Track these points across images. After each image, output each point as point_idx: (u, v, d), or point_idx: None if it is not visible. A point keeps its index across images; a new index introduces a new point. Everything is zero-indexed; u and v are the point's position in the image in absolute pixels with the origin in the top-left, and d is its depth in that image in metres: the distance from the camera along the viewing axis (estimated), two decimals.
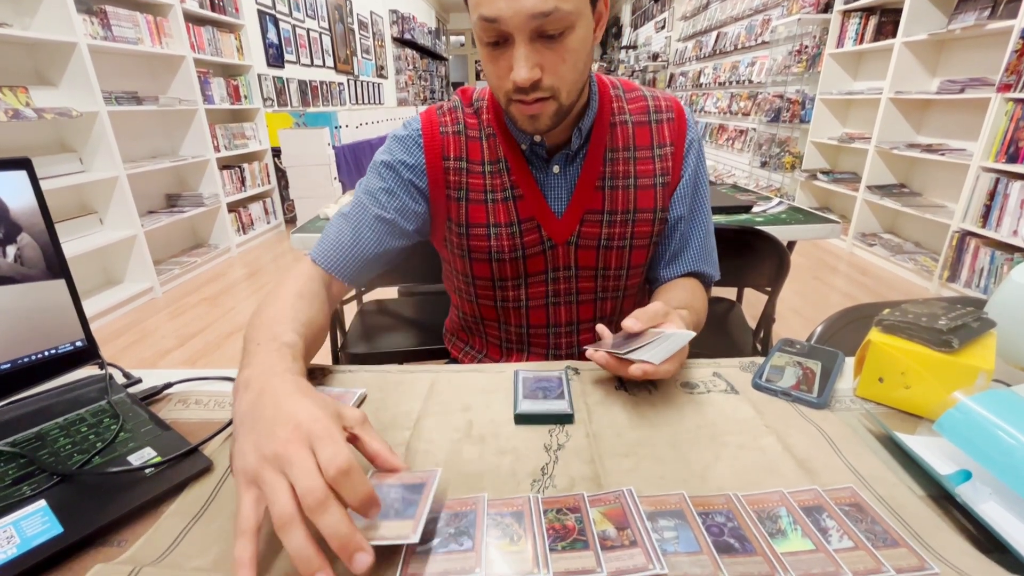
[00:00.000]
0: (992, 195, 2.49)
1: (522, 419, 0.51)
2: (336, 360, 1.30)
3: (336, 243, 0.68)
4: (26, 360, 0.52)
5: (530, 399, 0.53)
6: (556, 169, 0.69)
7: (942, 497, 0.42)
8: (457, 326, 0.87)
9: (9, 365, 0.51)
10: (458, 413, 0.53)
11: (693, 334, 0.55)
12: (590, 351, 0.55)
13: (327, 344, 1.32)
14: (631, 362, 0.51)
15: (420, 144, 0.70)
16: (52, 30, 2.25)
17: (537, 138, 0.67)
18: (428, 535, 0.37)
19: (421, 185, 0.70)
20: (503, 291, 0.74)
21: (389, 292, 1.71)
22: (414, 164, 0.69)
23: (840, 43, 3.75)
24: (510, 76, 0.56)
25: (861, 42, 3.50)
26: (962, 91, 2.69)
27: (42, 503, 0.39)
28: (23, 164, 0.51)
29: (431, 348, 1.24)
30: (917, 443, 0.46)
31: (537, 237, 0.70)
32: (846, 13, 3.65)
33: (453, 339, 0.89)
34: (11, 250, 0.50)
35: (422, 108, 7.20)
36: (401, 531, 0.34)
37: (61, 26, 2.27)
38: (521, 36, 0.54)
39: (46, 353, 0.54)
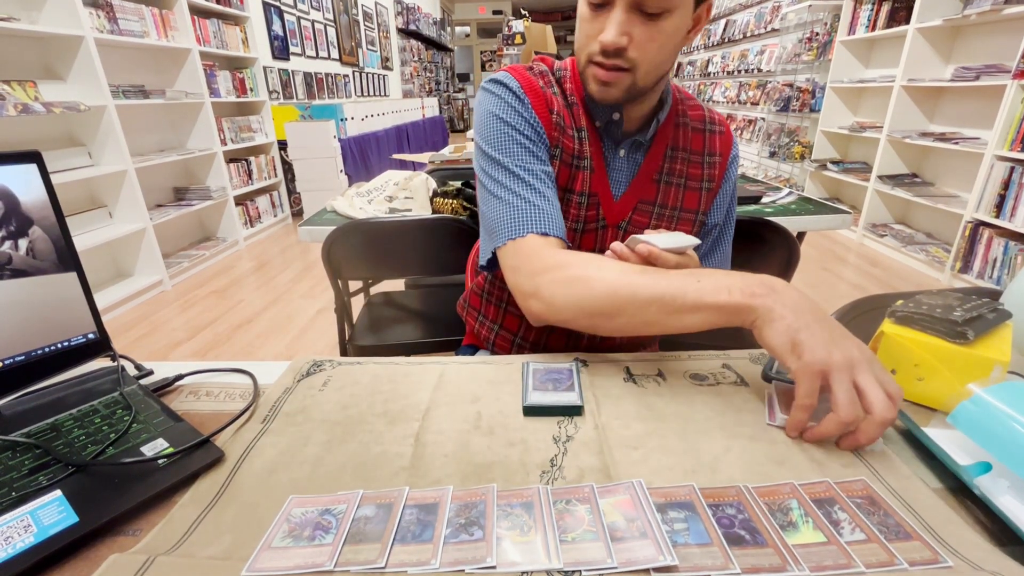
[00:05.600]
0: (1007, 184, 2.45)
1: (531, 411, 0.51)
2: (344, 352, 1.31)
3: (543, 213, 0.63)
4: (40, 352, 0.53)
5: (540, 391, 0.53)
6: (622, 153, 0.71)
7: (956, 490, 0.41)
8: (480, 291, 0.84)
9: (23, 357, 0.52)
10: (467, 404, 0.53)
11: (698, 241, 0.60)
12: (606, 253, 0.59)
13: (334, 336, 1.33)
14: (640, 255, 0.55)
15: (525, 98, 0.67)
16: (59, 24, 2.25)
17: (616, 116, 0.68)
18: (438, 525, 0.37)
19: (543, 133, 0.68)
20: None
21: (396, 284, 1.72)
22: (532, 112, 0.67)
23: (852, 30, 3.69)
24: (599, 37, 0.59)
25: (873, 29, 3.44)
26: (977, 78, 2.64)
27: (58, 493, 0.40)
28: (33, 157, 0.51)
29: (438, 340, 1.24)
30: (930, 435, 0.45)
31: (595, 214, 0.72)
32: None
33: (466, 306, 0.89)
34: (23, 243, 0.50)
35: (427, 100, 7.18)
36: None
37: (68, 20, 2.27)
38: (622, 3, 0.57)
39: (59, 345, 0.54)
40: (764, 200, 1.61)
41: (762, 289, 0.49)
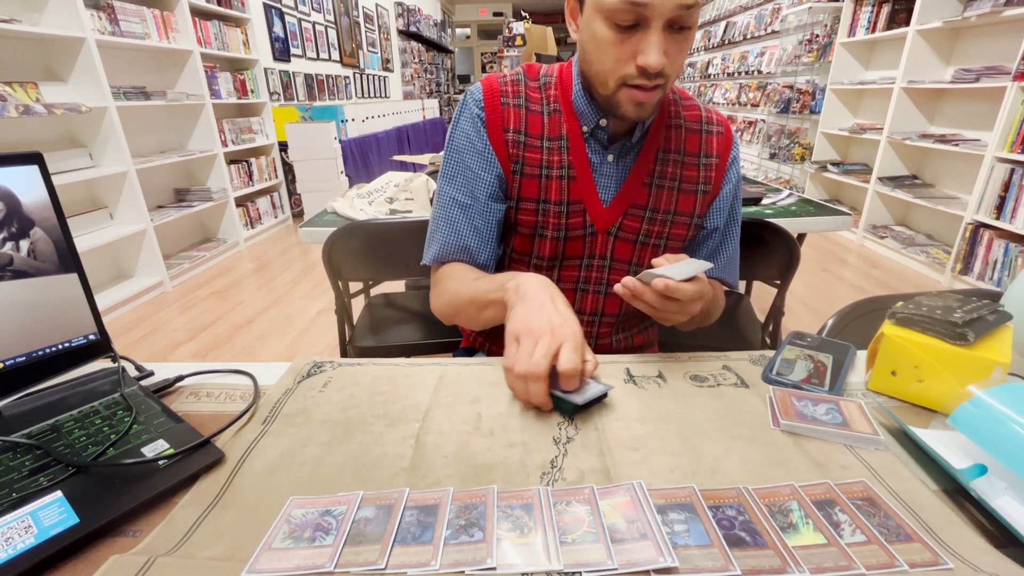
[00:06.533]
0: (1007, 186, 2.45)
1: (580, 409, 0.51)
2: (344, 353, 1.31)
3: (450, 243, 0.73)
4: (41, 353, 0.53)
5: (559, 391, 0.51)
6: (610, 158, 0.71)
7: (955, 491, 0.41)
8: None
9: (24, 358, 0.52)
10: (467, 405, 0.53)
11: (711, 265, 0.60)
12: (616, 287, 0.58)
13: (335, 337, 1.33)
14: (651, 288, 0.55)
15: (482, 117, 0.70)
16: (61, 25, 2.26)
17: (603, 122, 0.68)
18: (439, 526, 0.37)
19: (491, 157, 0.71)
20: (537, 269, 0.75)
21: (396, 286, 1.72)
22: (484, 138, 0.71)
23: (852, 32, 3.69)
24: (634, 60, 0.58)
25: (873, 31, 3.44)
26: (977, 80, 2.64)
27: (58, 494, 0.40)
28: (35, 159, 0.51)
29: (439, 341, 1.24)
30: (930, 437, 0.45)
31: (581, 221, 0.71)
32: (858, 1, 3.59)
33: None
34: (24, 244, 0.50)
35: (428, 101, 7.19)
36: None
37: (69, 21, 2.28)
38: (659, 23, 0.56)
39: (60, 346, 0.54)
40: (764, 202, 1.61)
41: (512, 284, 0.60)
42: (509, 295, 0.59)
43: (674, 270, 0.55)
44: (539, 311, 0.54)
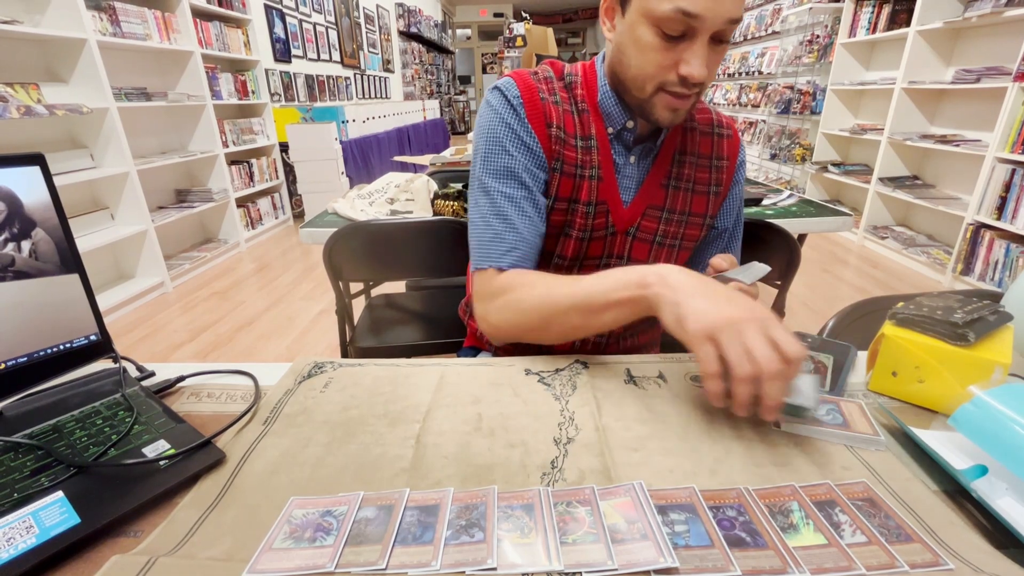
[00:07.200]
0: (1008, 186, 2.45)
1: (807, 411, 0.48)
2: (345, 354, 1.31)
3: (506, 245, 0.66)
4: (42, 354, 0.53)
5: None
6: (632, 159, 0.71)
7: (956, 492, 0.41)
8: None
9: (26, 359, 0.52)
10: (468, 406, 0.53)
11: (769, 268, 0.60)
12: None
13: (335, 337, 1.33)
14: None
15: (523, 111, 0.67)
16: (62, 27, 2.26)
17: (629, 124, 0.69)
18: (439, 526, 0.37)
19: (538, 150, 0.68)
20: (557, 269, 0.75)
21: (397, 286, 1.72)
22: (529, 131, 0.67)
23: (852, 32, 3.69)
24: (676, 69, 0.59)
25: (874, 31, 3.44)
26: (978, 80, 2.64)
27: (59, 494, 0.40)
28: (37, 160, 0.51)
29: (439, 342, 1.24)
30: (931, 438, 0.45)
31: (604, 222, 0.71)
32: (859, 1, 3.59)
33: (468, 309, 0.89)
34: (26, 245, 0.50)
35: (428, 102, 7.19)
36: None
37: (71, 23, 2.28)
38: (705, 35, 0.57)
39: (61, 347, 0.54)
40: (765, 202, 1.61)
41: (653, 278, 0.53)
42: (655, 291, 0.52)
43: (742, 274, 0.58)
44: (724, 298, 0.48)
